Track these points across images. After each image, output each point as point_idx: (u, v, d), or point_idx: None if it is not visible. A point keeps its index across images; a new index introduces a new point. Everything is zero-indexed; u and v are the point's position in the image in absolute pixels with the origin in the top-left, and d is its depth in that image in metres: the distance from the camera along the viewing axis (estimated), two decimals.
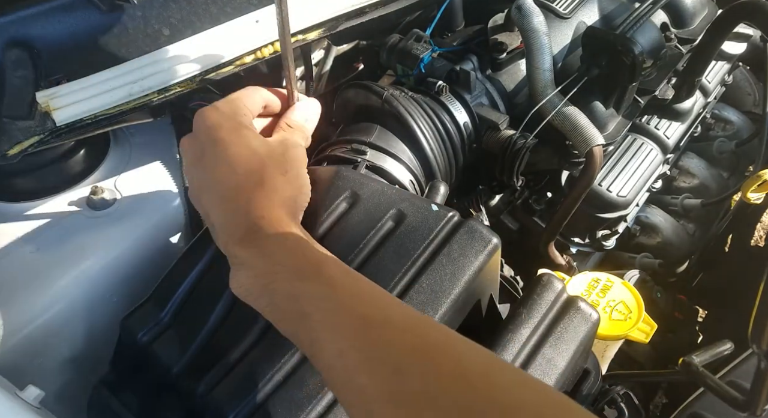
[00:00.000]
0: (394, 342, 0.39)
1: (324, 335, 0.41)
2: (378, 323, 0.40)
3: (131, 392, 0.64)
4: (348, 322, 0.40)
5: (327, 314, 0.41)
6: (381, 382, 0.37)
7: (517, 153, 0.87)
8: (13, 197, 0.75)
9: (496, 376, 0.37)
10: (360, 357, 0.39)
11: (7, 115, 0.59)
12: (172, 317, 0.63)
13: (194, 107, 0.84)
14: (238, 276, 0.47)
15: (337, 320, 0.41)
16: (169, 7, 0.64)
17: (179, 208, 0.81)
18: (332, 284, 0.43)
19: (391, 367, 0.37)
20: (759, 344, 0.69)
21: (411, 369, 0.37)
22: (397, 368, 0.37)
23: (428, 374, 0.37)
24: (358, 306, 0.41)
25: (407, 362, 0.38)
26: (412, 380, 0.36)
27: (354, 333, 0.40)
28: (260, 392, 0.57)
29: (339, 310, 0.41)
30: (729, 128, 1.35)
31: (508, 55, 0.95)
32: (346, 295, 0.42)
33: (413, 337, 0.39)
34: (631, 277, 1.07)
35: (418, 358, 0.38)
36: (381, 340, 0.39)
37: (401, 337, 0.39)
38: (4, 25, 0.57)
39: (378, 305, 0.42)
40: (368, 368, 0.38)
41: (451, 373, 0.37)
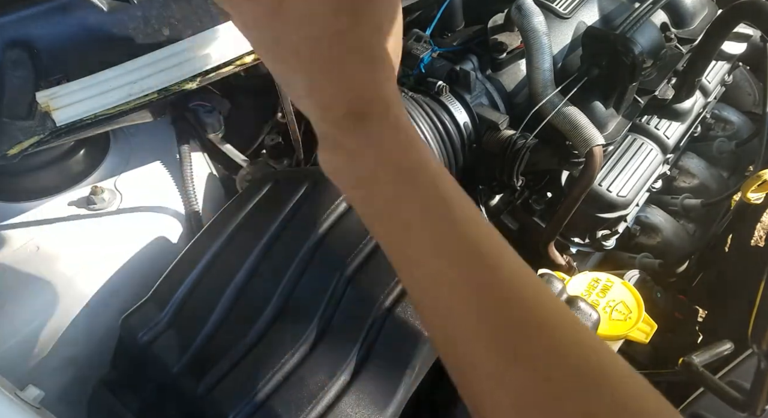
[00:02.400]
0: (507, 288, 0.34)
1: (423, 250, 0.35)
2: (490, 257, 0.35)
3: (131, 392, 0.64)
4: (457, 247, 0.34)
5: (433, 232, 0.35)
6: (482, 321, 0.33)
7: (517, 153, 0.87)
8: (13, 197, 0.75)
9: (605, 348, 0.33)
10: (467, 296, 0.34)
11: (7, 115, 0.59)
12: (172, 317, 0.63)
13: (194, 107, 0.84)
14: (333, 160, 0.37)
15: (445, 241, 0.35)
16: (169, 7, 0.64)
17: (179, 208, 0.81)
18: (445, 196, 0.35)
19: (506, 316, 0.33)
20: (759, 344, 0.69)
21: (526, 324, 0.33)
22: (511, 319, 0.33)
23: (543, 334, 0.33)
24: (471, 232, 0.35)
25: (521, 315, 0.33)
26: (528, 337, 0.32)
27: (461, 261, 0.34)
28: (260, 392, 0.57)
29: (449, 231, 0.35)
30: (729, 128, 1.35)
31: (508, 55, 0.95)
32: (459, 215, 0.35)
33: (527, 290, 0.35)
34: (631, 277, 1.07)
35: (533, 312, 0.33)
36: (495, 282, 0.34)
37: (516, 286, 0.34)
38: (4, 25, 0.57)
39: (491, 237, 0.36)
40: (476, 309, 0.33)
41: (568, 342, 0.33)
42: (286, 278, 0.63)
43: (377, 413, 0.56)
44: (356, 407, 0.56)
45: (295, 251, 0.64)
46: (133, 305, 0.65)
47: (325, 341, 0.60)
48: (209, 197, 0.86)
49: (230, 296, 0.63)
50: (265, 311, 0.62)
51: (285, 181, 0.72)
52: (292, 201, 0.68)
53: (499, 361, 0.33)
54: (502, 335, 0.33)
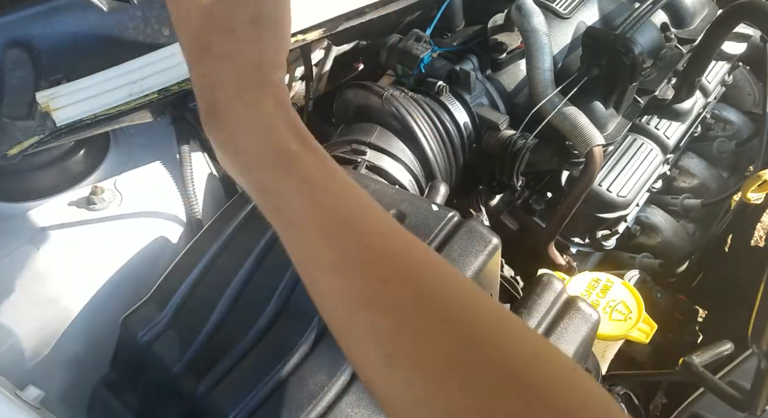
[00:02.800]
0: (374, 247, 0.36)
1: (299, 233, 0.37)
2: (356, 225, 0.37)
3: (131, 392, 0.64)
4: (326, 222, 0.36)
5: (303, 213, 0.37)
6: (358, 284, 0.35)
7: (517, 153, 0.87)
8: (13, 197, 0.75)
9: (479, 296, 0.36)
10: (335, 259, 0.36)
11: (7, 116, 0.59)
12: (172, 317, 0.63)
13: (194, 107, 0.84)
14: (217, 155, 0.41)
15: (314, 220, 0.37)
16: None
17: (179, 208, 0.81)
18: (308, 178, 0.37)
19: (371, 272, 0.35)
20: (759, 344, 0.69)
21: (393, 277, 0.34)
22: (376, 274, 0.35)
23: (408, 284, 0.34)
24: (339, 206, 0.37)
25: (388, 270, 0.35)
26: (393, 287, 0.34)
27: (332, 234, 0.36)
28: (260, 392, 0.57)
29: (316, 209, 0.37)
30: (729, 128, 1.35)
31: (508, 55, 0.95)
32: (325, 192, 0.37)
33: (395, 246, 0.37)
34: (631, 277, 1.07)
35: (400, 267, 0.35)
36: (359, 243, 0.36)
37: (384, 244, 0.36)
38: (4, 25, 0.57)
39: (357, 204, 0.38)
40: (343, 269, 0.35)
41: (436, 287, 0.34)
42: (286, 278, 0.63)
43: (377, 413, 0.56)
44: (356, 407, 0.56)
45: None
46: (133, 305, 0.65)
47: (325, 341, 0.60)
48: (209, 197, 0.86)
49: (230, 296, 0.63)
50: (265, 311, 0.62)
51: None
52: None
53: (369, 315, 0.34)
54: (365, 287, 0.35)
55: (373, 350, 0.34)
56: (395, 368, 0.33)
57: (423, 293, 0.34)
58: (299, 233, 0.37)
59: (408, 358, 0.33)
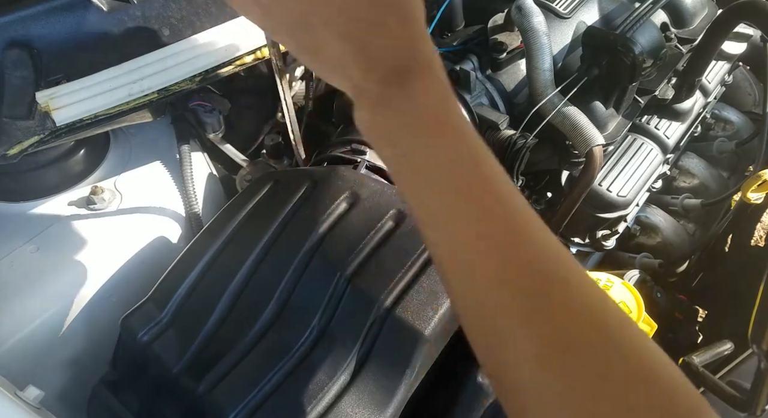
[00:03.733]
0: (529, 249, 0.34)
1: (449, 202, 0.35)
2: (518, 223, 0.35)
3: (131, 392, 0.64)
4: (483, 202, 0.35)
5: (473, 185, 0.35)
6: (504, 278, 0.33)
7: (517, 153, 0.87)
8: (13, 197, 0.75)
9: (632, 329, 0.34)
10: (488, 247, 0.34)
11: (7, 115, 0.59)
12: (172, 317, 0.63)
13: (194, 107, 0.84)
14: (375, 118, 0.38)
15: (472, 194, 0.35)
16: (169, 7, 0.64)
17: (179, 208, 0.81)
18: (482, 156, 0.36)
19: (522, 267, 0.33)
20: (759, 344, 0.69)
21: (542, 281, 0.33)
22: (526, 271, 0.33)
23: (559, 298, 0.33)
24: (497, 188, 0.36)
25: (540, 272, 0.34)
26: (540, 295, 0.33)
27: (487, 219, 0.35)
28: (260, 392, 0.57)
29: (475, 189, 0.35)
30: (729, 128, 1.35)
31: (508, 55, 0.95)
32: (495, 173, 0.36)
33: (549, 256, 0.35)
34: (631, 277, 1.07)
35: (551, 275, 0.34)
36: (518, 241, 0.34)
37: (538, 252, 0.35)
38: (4, 25, 0.57)
39: (518, 204, 0.36)
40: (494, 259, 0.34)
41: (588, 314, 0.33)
42: (286, 278, 0.63)
43: (377, 413, 0.56)
44: (356, 407, 0.56)
45: (295, 251, 0.64)
46: (133, 305, 0.65)
47: (325, 341, 0.60)
48: (209, 197, 0.86)
49: (230, 296, 0.63)
50: (265, 311, 0.62)
51: (285, 181, 0.72)
52: (292, 201, 0.68)
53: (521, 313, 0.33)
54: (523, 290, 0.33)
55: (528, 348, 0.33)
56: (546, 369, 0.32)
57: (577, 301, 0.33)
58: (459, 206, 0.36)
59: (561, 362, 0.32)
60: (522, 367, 0.33)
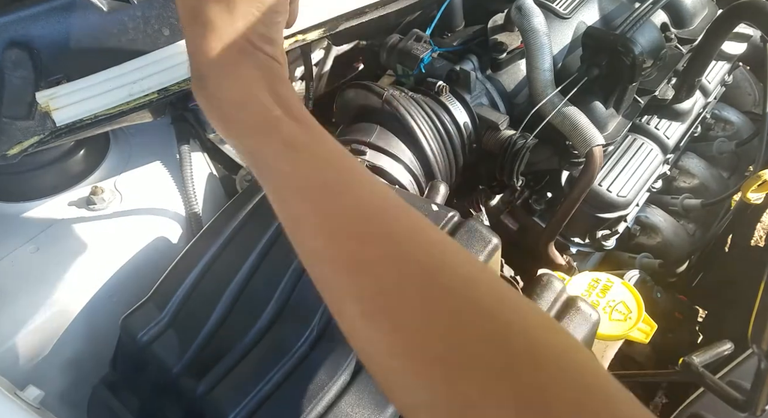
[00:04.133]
0: (353, 208, 0.38)
1: (283, 196, 0.39)
2: (338, 188, 0.39)
3: (131, 392, 0.64)
4: (308, 186, 0.38)
5: (285, 176, 0.39)
6: (338, 247, 0.37)
7: (517, 153, 0.87)
8: (13, 197, 0.75)
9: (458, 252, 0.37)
10: (317, 222, 0.37)
11: (7, 116, 0.59)
12: (172, 317, 0.63)
13: (194, 107, 0.84)
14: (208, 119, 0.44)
15: (298, 184, 0.39)
16: (169, 7, 0.64)
17: (179, 208, 0.81)
18: (290, 143, 0.39)
19: (349, 232, 0.37)
20: (759, 344, 0.69)
21: (369, 237, 0.36)
22: (354, 234, 0.36)
23: (387, 241, 0.36)
24: (320, 170, 0.39)
25: (366, 230, 0.37)
26: (370, 247, 0.36)
27: (314, 198, 0.38)
28: (260, 392, 0.57)
29: (296, 172, 0.39)
30: (729, 128, 1.35)
31: (508, 55, 0.95)
32: (306, 157, 0.39)
33: (376, 208, 0.38)
34: (631, 277, 1.07)
35: (377, 227, 0.37)
36: (340, 206, 0.38)
37: (364, 206, 0.38)
38: (4, 25, 0.57)
39: (340, 169, 0.40)
40: (325, 232, 0.37)
41: (412, 241, 0.36)
42: (286, 278, 0.63)
43: (377, 413, 0.56)
44: (356, 407, 0.56)
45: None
46: (133, 305, 0.65)
47: (325, 341, 0.60)
48: (209, 197, 0.86)
49: (230, 297, 0.63)
50: (265, 311, 0.62)
51: None
52: None
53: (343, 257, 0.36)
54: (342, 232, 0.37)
55: (352, 308, 0.35)
56: (374, 325, 0.34)
57: (400, 253, 0.35)
58: (283, 196, 0.39)
59: (386, 315, 0.34)
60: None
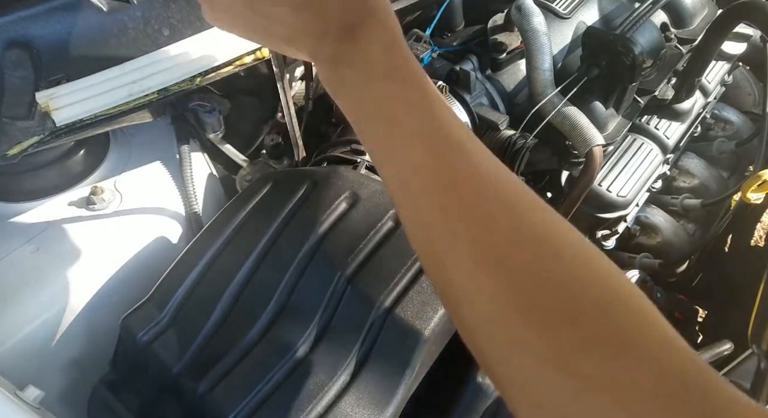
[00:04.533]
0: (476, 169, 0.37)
1: (408, 146, 0.38)
2: (466, 148, 0.38)
3: (131, 392, 0.64)
4: (437, 140, 0.38)
5: (420, 124, 0.38)
6: (455, 202, 0.36)
7: (517, 153, 0.87)
8: (13, 197, 0.75)
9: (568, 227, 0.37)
10: (440, 177, 0.37)
11: (7, 116, 0.59)
12: (172, 317, 0.63)
13: (194, 107, 0.84)
14: (335, 76, 0.42)
15: (428, 135, 0.38)
16: (169, 7, 0.64)
17: (179, 208, 0.81)
18: (428, 94, 0.39)
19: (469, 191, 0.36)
20: (759, 344, 0.69)
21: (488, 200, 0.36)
22: (473, 194, 0.36)
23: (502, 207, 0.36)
24: (451, 127, 0.39)
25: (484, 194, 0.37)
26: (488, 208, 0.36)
27: (442, 153, 0.38)
28: (260, 392, 0.57)
29: (432, 126, 0.38)
30: (729, 128, 1.35)
31: (508, 55, 0.95)
32: (440, 111, 0.39)
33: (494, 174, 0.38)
34: (631, 277, 1.07)
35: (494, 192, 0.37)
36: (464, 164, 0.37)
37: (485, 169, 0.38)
38: (4, 25, 0.57)
39: (466, 131, 0.39)
40: (441, 186, 0.37)
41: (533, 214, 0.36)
42: (286, 278, 0.63)
43: (377, 413, 0.56)
44: (356, 407, 0.56)
45: (295, 251, 0.64)
46: (133, 305, 0.65)
47: (325, 341, 0.60)
48: (209, 197, 0.86)
49: (230, 296, 0.63)
50: (265, 311, 0.62)
51: (285, 181, 0.72)
52: (292, 201, 0.68)
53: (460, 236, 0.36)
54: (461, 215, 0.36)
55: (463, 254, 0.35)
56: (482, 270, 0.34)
57: (514, 218, 0.36)
58: (407, 145, 0.38)
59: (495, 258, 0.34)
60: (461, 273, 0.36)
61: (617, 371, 0.30)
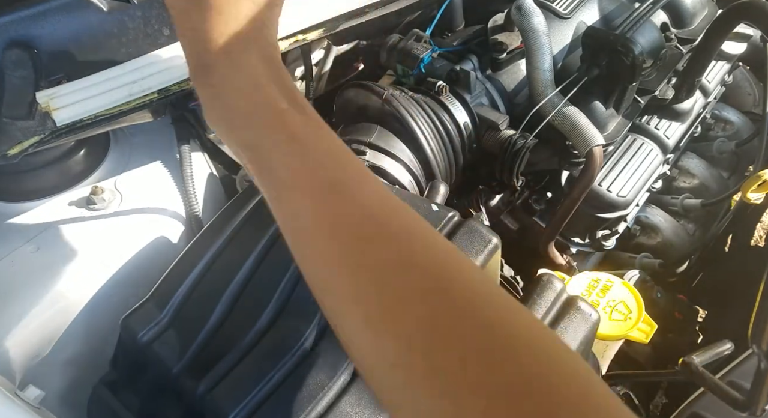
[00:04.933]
0: (360, 208, 0.36)
1: (286, 193, 0.37)
2: (345, 187, 0.37)
3: (131, 392, 0.64)
4: (312, 184, 0.36)
5: (289, 171, 0.36)
6: (341, 248, 0.35)
7: (517, 153, 0.87)
8: (13, 197, 0.75)
9: (464, 263, 0.36)
10: (321, 221, 0.36)
11: (7, 116, 0.59)
12: (172, 317, 0.63)
13: (194, 107, 0.84)
14: (205, 113, 0.41)
15: (299, 179, 0.36)
16: None
17: (179, 208, 0.81)
18: (296, 136, 0.37)
19: (354, 233, 0.35)
20: (759, 344, 0.69)
21: (376, 238, 0.35)
22: (360, 236, 0.35)
23: (391, 245, 0.34)
24: (326, 166, 0.37)
25: (371, 231, 0.35)
26: (375, 248, 0.34)
27: (318, 196, 0.36)
28: (260, 392, 0.57)
29: (302, 167, 0.37)
30: (729, 128, 1.35)
31: (508, 55, 0.95)
32: (313, 151, 0.37)
33: (381, 208, 0.36)
34: (631, 277, 1.07)
35: (384, 228, 0.35)
36: (346, 205, 0.36)
37: (370, 206, 0.36)
38: (4, 25, 0.57)
39: (346, 166, 0.38)
40: (327, 232, 0.35)
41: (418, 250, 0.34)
42: (286, 278, 0.63)
43: (377, 413, 0.56)
44: (356, 407, 0.56)
45: None
46: (133, 305, 0.65)
47: (325, 341, 0.60)
48: (209, 197, 0.86)
49: (230, 296, 0.63)
50: (265, 310, 0.62)
51: None
52: None
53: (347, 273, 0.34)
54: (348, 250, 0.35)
55: (353, 311, 0.34)
56: (374, 330, 0.33)
57: (404, 256, 0.34)
58: (284, 192, 0.37)
59: (387, 320, 0.32)
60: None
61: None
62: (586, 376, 0.30)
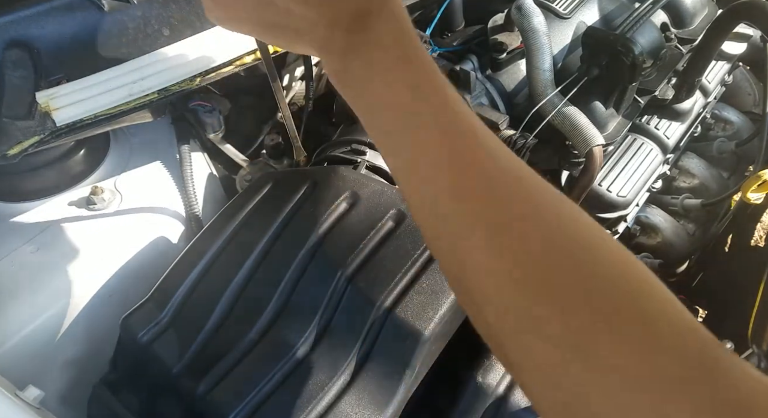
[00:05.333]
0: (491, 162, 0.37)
1: (419, 128, 0.38)
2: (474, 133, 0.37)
3: (131, 392, 0.64)
4: (449, 125, 0.37)
5: (430, 108, 0.38)
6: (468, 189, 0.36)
7: (517, 153, 0.87)
8: (13, 197, 0.75)
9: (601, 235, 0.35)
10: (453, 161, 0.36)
11: (7, 116, 0.59)
12: (172, 317, 0.63)
13: (194, 107, 0.84)
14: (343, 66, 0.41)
15: (440, 117, 0.37)
16: (169, 7, 0.64)
17: (179, 208, 0.81)
18: (440, 82, 0.39)
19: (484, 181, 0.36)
20: (759, 344, 0.69)
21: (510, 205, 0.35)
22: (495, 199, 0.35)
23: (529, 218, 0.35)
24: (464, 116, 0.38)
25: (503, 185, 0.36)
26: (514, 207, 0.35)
27: (454, 136, 0.37)
28: (260, 392, 0.57)
29: (444, 110, 0.38)
30: (729, 128, 1.35)
31: (508, 55, 0.95)
32: (453, 99, 0.38)
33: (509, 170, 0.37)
34: None
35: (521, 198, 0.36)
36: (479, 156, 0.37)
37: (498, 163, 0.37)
38: (4, 25, 0.57)
39: (487, 135, 0.38)
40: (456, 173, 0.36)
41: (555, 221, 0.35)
42: (286, 278, 0.63)
43: (377, 413, 0.56)
44: (356, 407, 0.56)
45: (295, 251, 0.64)
46: (133, 305, 0.65)
47: (325, 341, 0.60)
48: (209, 197, 0.86)
49: (230, 296, 0.63)
50: (265, 311, 0.62)
51: (285, 181, 0.72)
52: (292, 201, 0.68)
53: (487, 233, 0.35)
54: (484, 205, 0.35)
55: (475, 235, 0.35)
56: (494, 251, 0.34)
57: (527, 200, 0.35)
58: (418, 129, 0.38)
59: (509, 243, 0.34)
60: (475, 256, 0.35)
61: (628, 352, 0.30)
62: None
